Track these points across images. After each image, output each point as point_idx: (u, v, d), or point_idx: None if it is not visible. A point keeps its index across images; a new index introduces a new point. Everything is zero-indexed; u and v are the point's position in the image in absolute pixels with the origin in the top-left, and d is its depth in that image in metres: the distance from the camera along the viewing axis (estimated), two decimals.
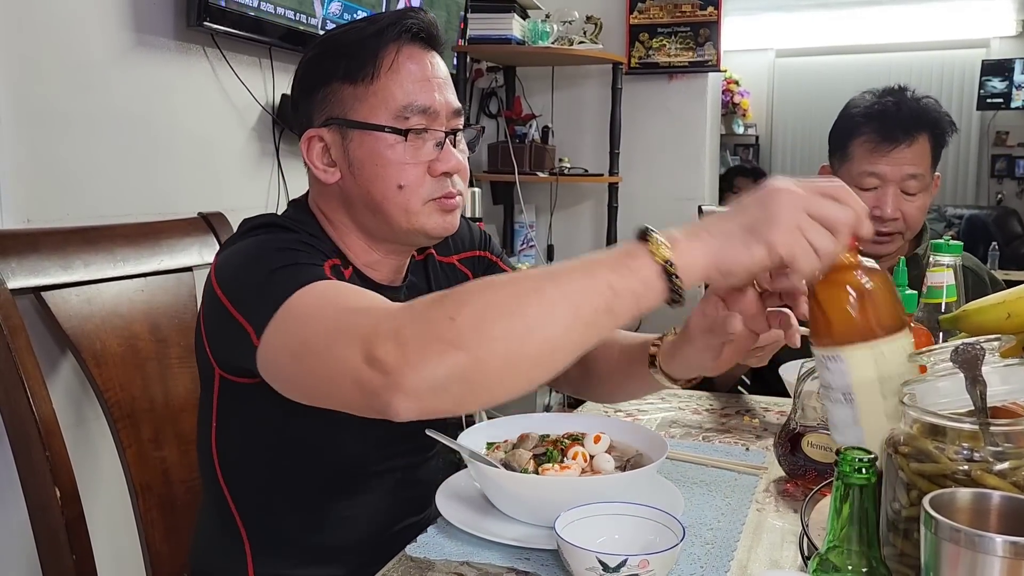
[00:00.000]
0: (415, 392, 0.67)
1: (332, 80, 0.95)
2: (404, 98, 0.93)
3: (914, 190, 1.44)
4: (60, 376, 1.39)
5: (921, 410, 0.67)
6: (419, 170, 0.94)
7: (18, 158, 1.41)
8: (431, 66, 0.96)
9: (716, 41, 3.10)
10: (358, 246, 0.99)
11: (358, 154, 0.94)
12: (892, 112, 1.44)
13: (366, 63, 0.93)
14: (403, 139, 0.93)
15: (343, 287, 0.81)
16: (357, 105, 0.94)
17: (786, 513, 0.96)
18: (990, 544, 0.54)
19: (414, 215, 0.95)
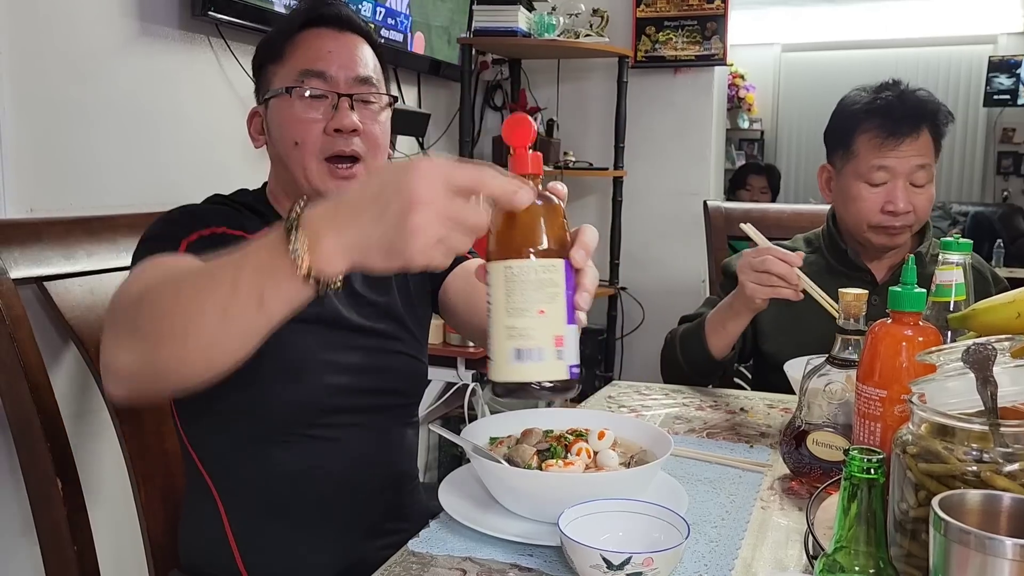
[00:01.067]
0: (116, 374, 0.80)
1: (262, 64, 1.11)
2: (301, 65, 1.05)
3: (922, 181, 1.44)
4: (63, 367, 1.39)
5: (930, 410, 0.66)
6: (315, 128, 1.04)
7: (21, 147, 1.40)
8: (337, 40, 1.07)
9: (723, 35, 3.08)
10: (286, 206, 1.11)
11: (270, 118, 1.09)
12: (896, 106, 1.43)
13: (279, 44, 1.08)
14: (300, 99, 1.04)
15: (165, 260, 0.89)
16: (274, 80, 1.08)
17: (791, 511, 0.95)
18: (1000, 547, 0.53)
19: (311, 173, 1.04)
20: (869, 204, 1.44)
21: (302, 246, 0.65)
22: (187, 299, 0.74)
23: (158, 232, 1.02)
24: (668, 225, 3.22)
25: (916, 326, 0.84)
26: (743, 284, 1.24)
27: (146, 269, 0.89)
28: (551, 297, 0.69)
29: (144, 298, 0.79)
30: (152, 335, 0.76)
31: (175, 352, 0.75)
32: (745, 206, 2.04)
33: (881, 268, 1.51)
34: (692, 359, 1.43)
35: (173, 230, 1.01)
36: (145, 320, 0.77)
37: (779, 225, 1.92)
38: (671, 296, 3.11)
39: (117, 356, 0.79)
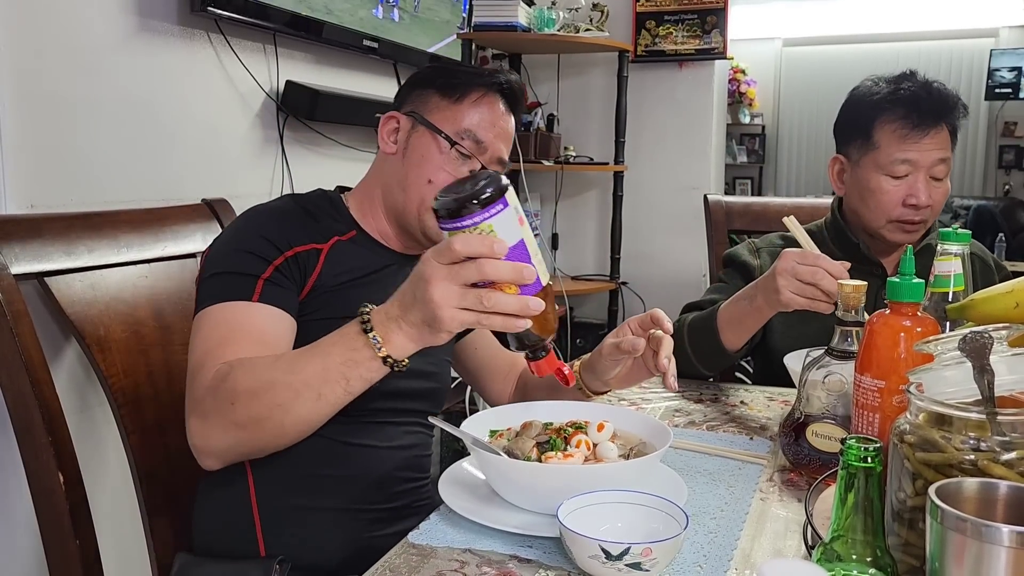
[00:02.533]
0: (213, 454, 0.96)
1: (430, 87, 1.18)
2: (469, 125, 1.15)
3: (942, 175, 1.41)
4: (64, 362, 1.40)
5: (928, 399, 0.66)
6: (448, 179, 1.12)
7: (22, 143, 1.41)
8: (502, 118, 1.19)
9: (723, 28, 3.08)
10: (379, 217, 1.20)
11: (416, 144, 1.16)
12: (924, 97, 1.39)
13: (458, 88, 1.16)
14: (450, 148, 1.14)
15: (237, 317, 1.01)
16: (436, 112, 1.16)
17: (790, 503, 0.96)
18: (996, 534, 0.53)
19: (424, 210, 1.14)
20: (890, 197, 1.40)
21: (379, 338, 0.86)
22: (283, 391, 0.89)
23: (234, 264, 1.05)
24: (669, 220, 3.22)
25: (914, 316, 0.84)
26: (779, 288, 1.16)
27: (219, 334, 0.99)
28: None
29: (236, 389, 0.91)
30: (250, 424, 0.91)
31: (273, 434, 0.92)
32: (745, 200, 2.04)
33: (891, 262, 1.49)
34: (703, 351, 1.36)
35: (250, 263, 1.04)
36: (241, 411, 0.91)
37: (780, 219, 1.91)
38: (672, 290, 3.11)
39: (212, 440, 0.94)
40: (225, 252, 1.07)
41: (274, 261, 1.05)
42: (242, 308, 1.01)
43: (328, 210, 1.17)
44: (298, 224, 1.11)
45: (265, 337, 1.01)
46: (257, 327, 1.01)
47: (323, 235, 1.12)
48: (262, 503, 1.08)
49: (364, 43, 2.31)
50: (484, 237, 0.79)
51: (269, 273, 1.04)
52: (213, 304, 1.02)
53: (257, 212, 1.14)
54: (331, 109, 2.14)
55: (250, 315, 1.01)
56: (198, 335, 1.01)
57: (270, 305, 1.03)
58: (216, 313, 1.01)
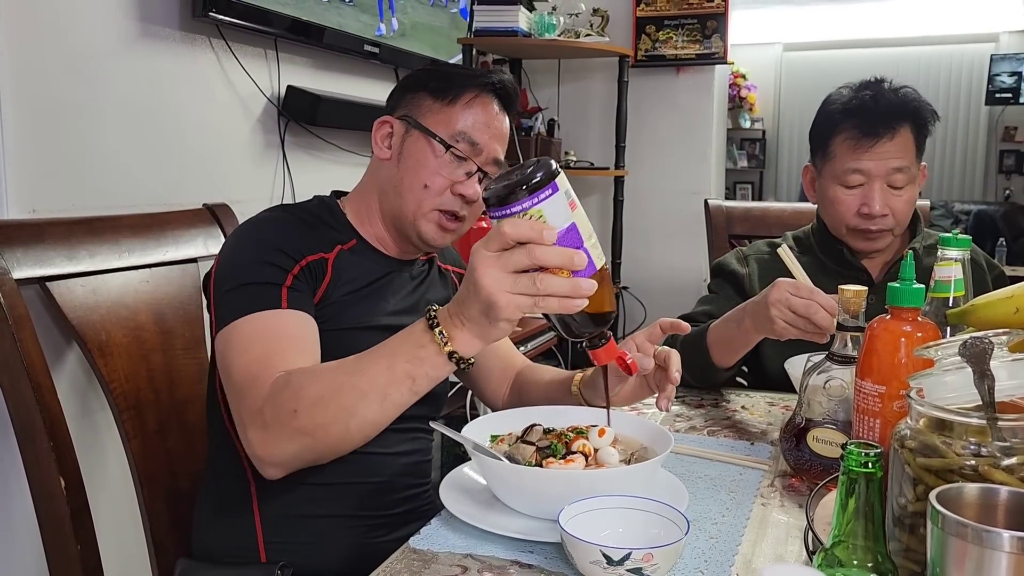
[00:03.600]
0: (277, 464, 0.94)
1: (422, 89, 1.17)
2: (464, 127, 1.14)
3: (901, 183, 1.40)
4: (65, 367, 1.40)
5: (928, 405, 0.66)
6: (444, 183, 1.13)
7: (23, 148, 1.41)
8: (497, 119, 1.18)
9: (723, 33, 3.08)
10: (376, 223, 1.19)
11: (410, 148, 1.15)
12: (870, 106, 1.40)
13: (451, 90, 1.15)
14: (445, 152, 1.13)
15: (272, 326, 1.00)
16: (429, 115, 1.15)
17: (791, 508, 0.96)
18: (997, 539, 0.53)
19: (420, 215, 1.14)
20: (845, 207, 1.41)
21: (445, 332, 0.85)
22: (348, 394, 0.89)
23: (254, 275, 1.03)
24: (669, 224, 3.22)
25: (915, 322, 0.84)
26: (773, 319, 1.15)
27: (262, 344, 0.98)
28: None
29: (300, 396, 0.90)
30: (316, 430, 0.91)
31: (339, 438, 0.92)
32: (745, 204, 2.04)
33: (876, 266, 1.50)
34: (696, 369, 1.36)
35: (270, 273, 1.03)
36: (305, 418, 0.90)
37: (780, 224, 1.92)
38: (673, 295, 3.11)
39: (276, 449, 0.92)
40: (240, 265, 1.05)
41: (291, 271, 1.05)
42: (275, 316, 1.01)
43: (327, 218, 1.16)
44: (303, 233, 1.11)
45: (303, 343, 1.01)
46: (294, 333, 1.01)
47: (327, 244, 1.12)
48: (264, 510, 1.08)
49: (365, 48, 2.32)
50: (533, 223, 0.78)
51: (290, 282, 1.04)
52: (242, 316, 1.00)
53: (259, 224, 1.12)
54: (332, 114, 2.14)
55: (285, 322, 1.01)
56: (235, 348, 0.99)
57: (299, 311, 1.03)
58: (248, 325, 1.00)
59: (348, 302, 1.10)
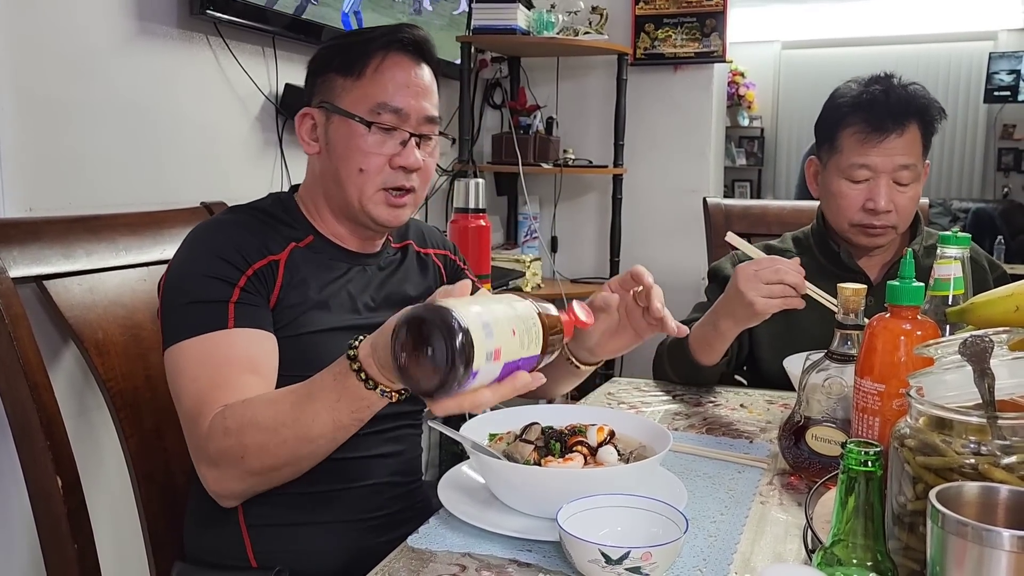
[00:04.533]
0: (232, 497, 0.98)
1: (328, 70, 1.10)
2: (381, 97, 1.07)
3: (906, 180, 1.40)
4: (62, 365, 1.39)
5: (928, 403, 0.66)
6: (380, 160, 1.08)
7: (20, 146, 1.40)
8: (414, 75, 1.10)
9: (722, 32, 3.08)
10: (329, 218, 1.14)
11: (335, 135, 1.09)
12: (881, 100, 1.39)
13: (356, 61, 1.08)
14: (368, 130, 1.07)
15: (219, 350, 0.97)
16: (344, 95, 1.09)
17: (790, 506, 0.96)
18: (997, 538, 0.53)
19: (366, 199, 1.09)
20: (849, 201, 1.41)
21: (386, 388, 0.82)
22: (294, 444, 0.88)
23: (199, 292, 1.00)
24: (668, 223, 3.22)
25: (914, 320, 0.84)
26: (751, 300, 1.18)
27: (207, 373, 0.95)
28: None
29: (244, 444, 0.90)
30: (266, 471, 0.92)
31: (292, 473, 0.93)
32: (744, 202, 2.04)
33: (873, 268, 1.49)
34: (682, 371, 1.41)
35: (215, 288, 1.00)
36: (254, 463, 0.90)
37: (779, 222, 1.92)
38: (671, 293, 3.07)
39: (227, 487, 0.95)
40: (186, 278, 1.02)
41: (238, 283, 1.01)
42: (221, 338, 0.97)
43: (282, 216, 1.12)
44: (251, 237, 1.06)
45: (254, 363, 0.98)
46: (242, 355, 0.97)
47: (279, 244, 1.08)
48: (249, 519, 1.06)
49: None
50: (469, 397, 0.73)
51: (237, 295, 1.00)
52: (189, 338, 0.97)
53: (206, 231, 1.08)
54: None
55: (232, 344, 0.98)
56: (183, 376, 0.97)
57: (248, 328, 0.99)
58: (194, 348, 0.97)
59: (306, 304, 1.06)
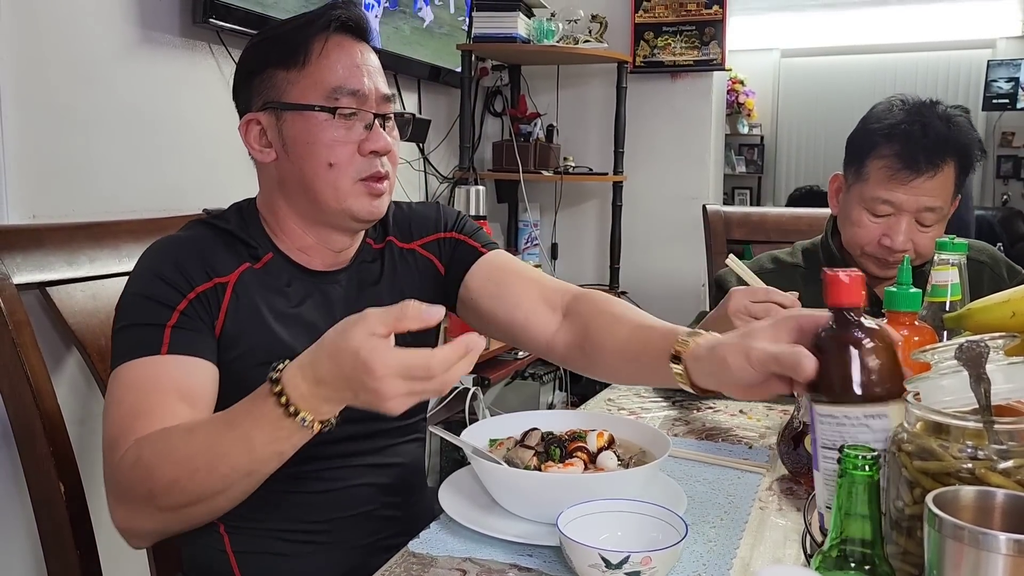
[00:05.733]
0: (140, 537, 0.90)
1: (267, 67, 1.01)
2: (334, 81, 0.98)
3: (930, 222, 1.32)
4: (65, 372, 1.40)
5: (925, 408, 0.66)
6: (349, 149, 0.99)
7: (24, 153, 1.41)
8: (360, 54, 1.01)
9: (721, 40, 3.09)
10: (293, 231, 1.05)
11: (291, 133, 1.00)
12: (918, 136, 1.29)
13: (297, 49, 0.99)
14: (332, 117, 0.98)
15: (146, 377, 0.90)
16: (290, 88, 0.99)
17: (789, 511, 0.96)
18: (994, 542, 0.53)
19: (343, 194, 1.00)
20: (866, 233, 1.36)
21: (308, 417, 0.78)
22: (208, 479, 0.82)
23: (137, 314, 0.94)
24: (668, 229, 3.23)
25: (912, 326, 0.84)
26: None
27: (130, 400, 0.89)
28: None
29: (153, 478, 0.83)
30: (178, 508, 0.84)
31: (207, 513, 0.86)
32: (744, 209, 2.05)
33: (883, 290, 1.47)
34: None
35: (153, 311, 0.93)
36: (164, 500, 0.83)
37: (778, 229, 1.92)
38: (671, 300, 3.12)
39: (136, 524, 0.87)
40: (128, 301, 0.96)
41: (178, 306, 0.94)
42: (152, 365, 0.90)
43: (240, 232, 1.02)
44: (197, 258, 0.98)
45: (184, 391, 0.90)
46: (172, 384, 0.90)
47: (229, 264, 0.99)
48: (238, 553, 1.02)
49: None
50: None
51: (175, 319, 0.93)
52: (122, 363, 0.91)
53: (153, 251, 1.01)
54: None
55: (161, 371, 0.90)
56: (110, 400, 0.91)
57: (183, 355, 0.92)
58: (125, 374, 0.91)
59: (254, 333, 0.98)
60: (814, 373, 0.70)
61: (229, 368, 0.96)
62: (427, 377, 0.75)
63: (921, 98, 1.36)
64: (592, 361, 1.07)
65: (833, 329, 0.72)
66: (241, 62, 1.05)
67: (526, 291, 1.12)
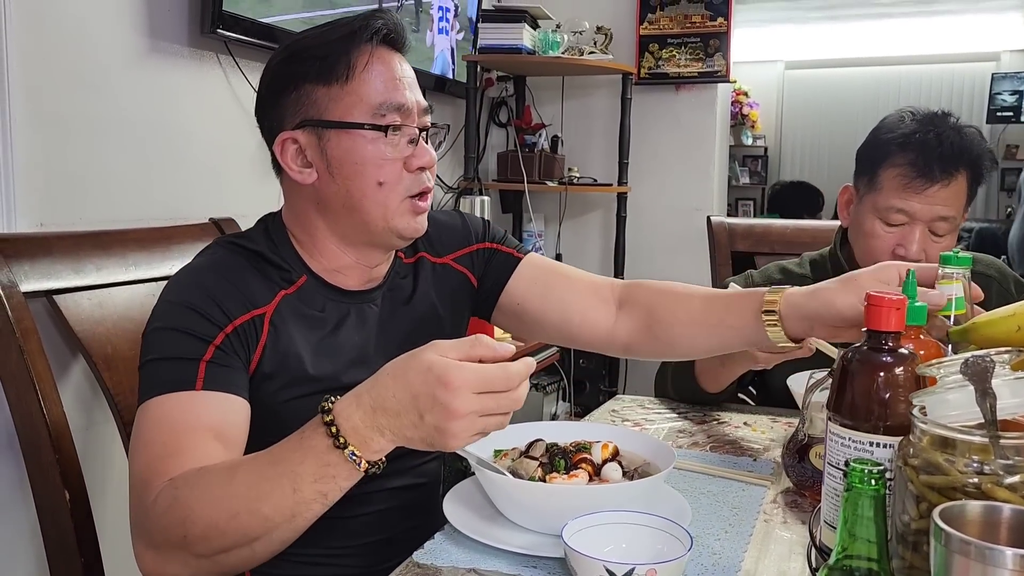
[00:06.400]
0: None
1: (304, 83, 0.96)
2: (380, 96, 0.95)
3: (943, 231, 1.32)
4: (71, 378, 1.40)
5: (931, 422, 0.67)
6: (396, 166, 0.97)
7: (32, 162, 1.42)
8: (399, 66, 0.99)
9: (726, 52, 3.10)
10: (330, 251, 1.01)
11: (336, 153, 0.96)
12: (933, 145, 1.29)
13: (339, 64, 0.95)
14: (383, 135, 0.95)
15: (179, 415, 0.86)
16: (332, 106, 0.95)
17: (794, 524, 0.96)
18: (1000, 557, 0.53)
19: (391, 213, 0.97)
20: (880, 243, 1.34)
21: (357, 452, 0.75)
22: (249, 522, 0.77)
23: (171, 347, 0.89)
24: (672, 241, 3.23)
25: (917, 340, 0.84)
26: (756, 358, 1.16)
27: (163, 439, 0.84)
28: None
29: (190, 521, 0.78)
30: (214, 554, 0.79)
31: (244, 560, 0.80)
32: (748, 221, 2.05)
33: None
34: (686, 396, 1.41)
35: (188, 345, 0.89)
36: (200, 546, 0.78)
37: (782, 241, 1.93)
38: None
39: (168, 571, 0.81)
40: (158, 333, 0.91)
41: (214, 340, 0.90)
42: (186, 401, 0.86)
43: (270, 255, 0.99)
44: (233, 286, 0.93)
45: (218, 430, 0.86)
46: (207, 422, 0.86)
47: (265, 294, 0.95)
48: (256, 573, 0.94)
49: None
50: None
51: (211, 354, 0.89)
52: (154, 396, 0.87)
53: (185, 279, 0.96)
54: None
55: (197, 408, 0.86)
56: (139, 437, 0.86)
57: (218, 392, 0.88)
58: (155, 411, 0.86)
59: (298, 364, 0.95)
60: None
61: (263, 403, 0.93)
62: (504, 390, 0.74)
63: (932, 110, 1.37)
64: (663, 341, 1.09)
65: (864, 351, 0.73)
66: (269, 78, 0.99)
67: (575, 288, 1.13)
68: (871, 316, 0.73)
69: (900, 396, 0.71)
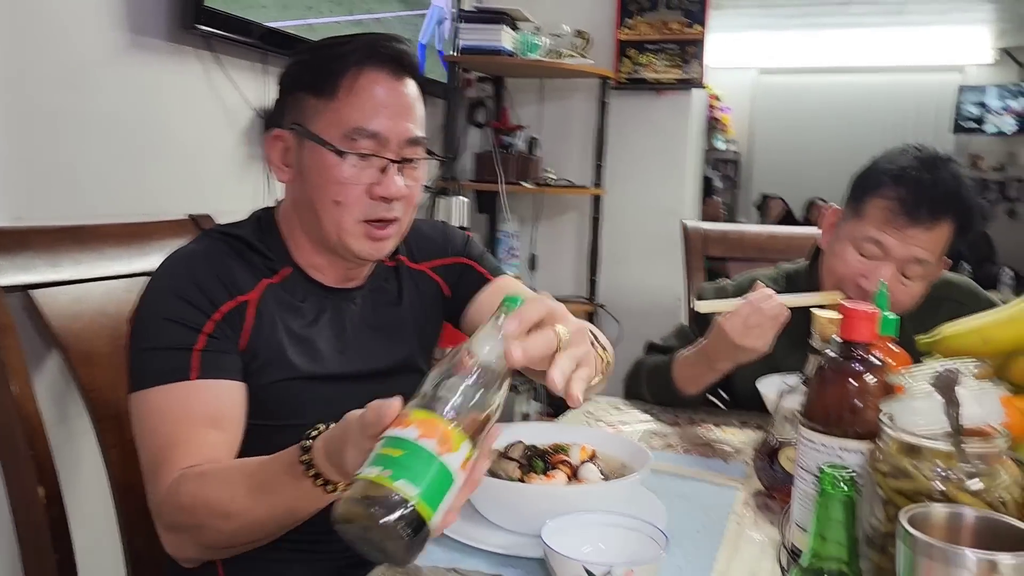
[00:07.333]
0: (188, 563, 0.93)
1: (299, 89, 1.01)
2: (356, 121, 0.97)
3: (913, 276, 1.28)
4: (44, 373, 1.39)
5: (899, 429, 0.69)
6: (357, 191, 0.98)
7: (10, 156, 1.41)
8: (394, 92, 0.99)
9: (702, 58, 3.14)
10: (305, 247, 1.05)
11: (307, 162, 1.00)
12: (926, 186, 1.25)
13: (327, 80, 0.97)
14: (342, 159, 0.97)
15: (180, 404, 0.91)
16: (316, 117, 0.99)
17: (764, 526, 0.98)
18: (964, 559, 0.56)
19: (344, 232, 1.00)
20: (847, 270, 1.30)
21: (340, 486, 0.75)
22: (249, 527, 0.84)
23: (163, 337, 0.93)
24: (645, 243, 3.26)
25: (887, 350, 0.87)
26: (755, 348, 1.17)
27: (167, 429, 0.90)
28: None
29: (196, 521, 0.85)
30: (219, 547, 0.88)
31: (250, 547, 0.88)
32: (722, 227, 2.08)
33: None
34: (661, 399, 1.42)
35: (179, 335, 0.92)
36: (208, 538, 0.86)
37: (756, 247, 1.96)
38: (648, 313, 3.15)
39: (185, 552, 0.90)
40: (148, 322, 0.95)
41: (203, 328, 0.93)
42: (184, 391, 0.91)
43: (258, 245, 1.02)
44: (218, 275, 0.97)
45: (216, 418, 0.91)
46: (204, 409, 0.91)
47: (248, 280, 0.99)
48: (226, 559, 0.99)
49: None
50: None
51: (203, 343, 0.93)
52: (151, 387, 0.91)
53: (172, 267, 0.99)
54: None
55: (194, 396, 0.91)
56: (144, 426, 0.91)
57: (213, 379, 0.92)
58: (155, 401, 0.91)
59: (276, 351, 0.98)
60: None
61: (249, 385, 0.97)
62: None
63: (938, 151, 1.33)
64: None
65: (837, 360, 0.76)
66: (283, 76, 1.05)
67: None
68: (846, 327, 0.76)
69: (870, 403, 0.74)
